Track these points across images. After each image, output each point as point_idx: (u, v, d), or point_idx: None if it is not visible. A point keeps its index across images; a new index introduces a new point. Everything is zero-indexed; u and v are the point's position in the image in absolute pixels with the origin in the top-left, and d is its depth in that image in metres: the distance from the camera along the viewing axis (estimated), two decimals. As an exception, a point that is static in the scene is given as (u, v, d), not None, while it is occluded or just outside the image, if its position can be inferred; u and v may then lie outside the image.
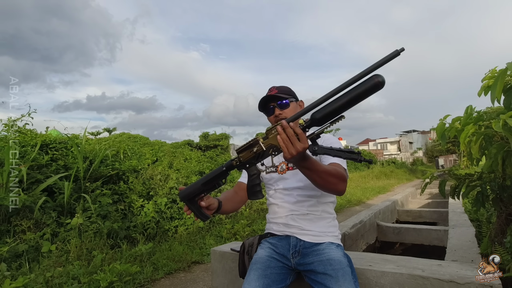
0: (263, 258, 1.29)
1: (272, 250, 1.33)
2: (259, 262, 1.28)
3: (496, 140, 1.53)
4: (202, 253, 3.67)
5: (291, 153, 0.92)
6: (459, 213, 3.60)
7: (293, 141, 0.92)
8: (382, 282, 1.34)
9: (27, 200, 3.46)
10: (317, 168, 1.04)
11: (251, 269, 1.26)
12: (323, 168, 1.07)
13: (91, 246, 3.26)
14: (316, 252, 1.26)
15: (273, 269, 1.25)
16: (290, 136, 0.92)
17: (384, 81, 0.84)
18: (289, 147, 0.92)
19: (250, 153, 1.02)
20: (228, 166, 1.07)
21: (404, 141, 47.38)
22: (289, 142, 0.92)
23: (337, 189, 1.14)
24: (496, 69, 1.50)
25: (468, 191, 1.88)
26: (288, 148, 0.92)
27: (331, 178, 1.08)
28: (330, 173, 1.08)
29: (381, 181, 14.43)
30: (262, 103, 1.41)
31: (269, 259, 1.28)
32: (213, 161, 10.26)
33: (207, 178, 1.10)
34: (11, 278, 2.57)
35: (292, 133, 0.92)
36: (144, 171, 5.28)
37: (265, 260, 1.28)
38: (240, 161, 1.05)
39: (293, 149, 0.92)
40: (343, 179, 1.13)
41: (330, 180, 1.08)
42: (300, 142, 0.92)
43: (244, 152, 1.03)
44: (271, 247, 1.34)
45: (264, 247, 1.35)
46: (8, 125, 4.36)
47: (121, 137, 12.51)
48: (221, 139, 16.65)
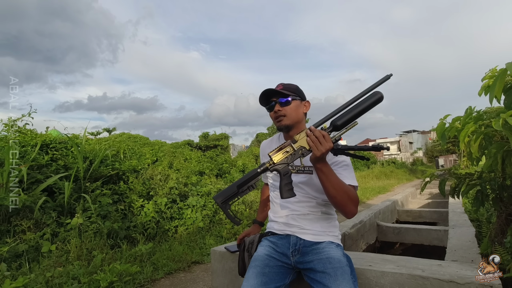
0: (262, 257, 1.29)
1: (272, 248, 1.33)
2: (258, 260, 1.28)
3: (496, 139, 1.53)
4: (202, 253, 3.66)
5: (320, 150, 1.07)
6: (459, 213, 3.59)
7: (321, 141, 1.08)
8: (382, 282, 1.34)
9: (27, 200, 3.46)
10: (333, 179, 1.15)
11: (250, 266, 1.27)
12: (339, 181, 1.16)
13: (91, 246, 3.26)
14: (316, 251, 1.26)
15: (272, 268, 1.25)
16: (318, 136, 1.08)
17: (383, 96, 1.10)
18: (318, 146, 1.08)
19: (282, 155, 1.14)
20: (262, 168, 1.16)
21: (404, 141, 47.38)
22: (318, 142, 1.08)
23: (347, 209, 1.19)
24: (496, 69, 1.50)
25: (468, 189, 1.88)
26: (317, 147, 1.08)
27: (344, 193, 1.17)
28: (343, 187, 1.17)
29: (381, 181, 14.42)
30: (263, 97, 1.38)
31: (268, 258, 1.28)
32: (213, 161, 10.27)
33: (242, 180, 1.18)
34: (11, 278, 2.56)
35: (320, 134, 1.09)
36: (144, 171, 5.28)
37: (264, 259, 1.28)
38: (273, 163, 1.15)
39: (322, 147, 1.07)
40: (355, 202, 1.20)
41: (342, 195, 1.16)
42: (327, 142, 1.08)
43: (277, 155, 1.14)
44: (271, 246, 1.34)
45: (264, 245, 1.35)
46: (8, 125, 4.36)
47: (121, 137, 12.52)
48: (221, 139, 16.67)
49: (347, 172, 1.31)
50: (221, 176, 8.96)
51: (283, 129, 1.38)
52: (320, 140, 1.08)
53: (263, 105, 1.42)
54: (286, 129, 1.38)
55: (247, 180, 1.17)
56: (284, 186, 1.14)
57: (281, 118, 1.36)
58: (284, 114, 1.35)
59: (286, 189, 1.14)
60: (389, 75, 1.11)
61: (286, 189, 1.14)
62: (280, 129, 1.40)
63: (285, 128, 1.37)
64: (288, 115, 1.35)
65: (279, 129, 1.41)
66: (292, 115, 1.36)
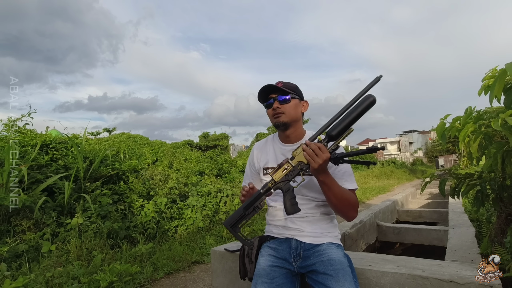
0: (265, 270, 1.25)
1: (272, 257, 1.30)
2: (263, 275, 1.24)
3: (496, 139, 1.53)
4: (202, 253, 3.66)
5: (317, 162, 1.08)
6: (459, 213, 3.59)
7: (317, 153, 1.08)
8: (382, 282, 1.34)
9: (27, 200, 3.46)
10: (335, 188, 1.18)
11: (257, 282, 1.23)
12: (340, 190, 1.20)
13: (91, 246, 3.26)
14: (317, 253, 1.26)
15: (279, 279, 1.23)
16: (314, 149, 1.09)
17: (375, 99, 1.09)
18: (314, 158, 1.08)
19: (282, 172, 1.16)
20: (265, 189, 1.18)
21: (404, 141, 47.39)
22: (314, 155, 1.09)
23: (348, 214, 1.26)
24: (496, 69, 1.50)
25: (468, 189, 1.88)
26: (314, 159, 1.08)
27: (345, 201, 1.22)
28: (344, 196, 1.21)
29: (381, 181, 14.43)
30: (263, 93, 1.35)
31: (272, 269, 1.26)
32: (213, 161, 10.27)
33: (247, 203, 1.21)
34: (11, 278, 2.56)
35: (315, 147, 1.09)
36: (144, 171, 5.28)
37: (268, 272, 1.25)
38: (275, 182, 1.17)
39: (319, 159, 1.08)
40: (355, 207, 1.26)
41: (344, 203, 1.22)
42: (323, 153, 1.08)
43: (276, 173, 1.16)
44: (272, 253, 1.31)
45: (265, 255, 1.32)
46: (8, 125, 4.36)
47: (121, 137, 12.53)
48: (221, 139, 16.67)
49: (347, 175, 1.31)
50: (221, 176, 8.96)
51: (280, 126, 1.35)
52: (316, 152, 1.08)
53: (262, 102, 1.39)
54: (284, 127, 1.36)
55: (252, 202, 1.20)
56: (288, 202, 1.16)
57: (279, 115, 1.33)
58: (282, 111, 1.33)
59: (290, 204, 1.15)
60: (379, 76, 1.11)
61: (290, 205, 1.15)
62: (277, 126, 1.37)
63: (282, 125, 1.35)
64: (287, 113, 1.33)
65: (276, 126, 1.38)
66: (291, 113, 1.34)
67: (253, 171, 1.51)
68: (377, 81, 1.11)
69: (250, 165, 1.53)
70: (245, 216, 1.20)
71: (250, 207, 1.20)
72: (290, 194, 1.16)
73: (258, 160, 1.48)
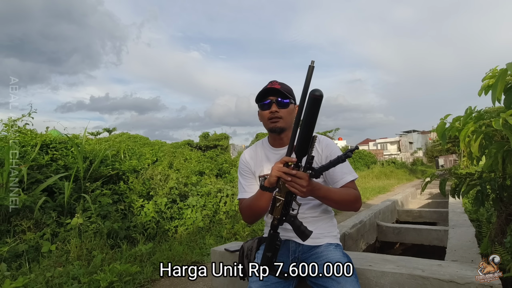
0: None
1: None
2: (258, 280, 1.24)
3: (496, 139, 1.53)
4: (202, 253, 3.66)
5: (301, 190, 1.05)
6: (459, 213, 3.59)
7: (296, 181, 1.04)
8: (382, 282, 1.34)
9: (27, 200, 3.46)
10: (332, 196, 1.19)
11: (252, 281, 1.24)
12: (338, 195, 1.22)
13: (91, 246, 3.26)
14: (315, 255, 1.26)
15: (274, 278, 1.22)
16: (292, 180, 1.04)
17: (321, 94, 0.95)
18: (297, 187, 1.05)
19: (278, 208, 1.13)
20: (273, 227, 1.17)
21: (404, 141, 47.37)
22: (294, 183, 1.04)
23: (353, 208, 1.28)
24: (497, 69, 1.50)
25: (468, 189, 1.88)
26: (297, 188, 1.05)
27: (346, 202, 1.24)
28: (344, 198, 1.23)
29: (381, 181, 14.42)
30: (262, 94, 1.32)
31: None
32: (213, 161, 10.26)
33: (267, 247, 1.17)
34: (11, 278, 2.56)
35: (290, 176, 1.04)
36: (144, 171, 5.28)
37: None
38: (278, 219, 1.15)
39: (300, 186, 1.04)
40: (357, 200, 1.27)
41: (345, 204, 1.24)
42: (301, 178, 1.04)
43: (275, 212, 1.14)
44: None
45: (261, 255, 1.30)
46: (8, 125, 4.36)
47: (121, 137, 12.52)
48: (221, 139, 16.67)
49: (345, 167, 1.29)
50: (221, 176, 8.97)
51: (276, 131, 1.33)
52: (294, 180, 1.04)
53: (257, 101, 1.35)
54: (279, 132, 1.33)
55: (270, 244, 1.16)
56: (297, 230, 1.13)
57: (277, 120, 1.30)
58: (281, 116, 1.30)
59: (301, 230, 1.13)
60: (311, 65, 0.97)
61: (302, 231, 1.13)
62: (272, 130, 1.33)
63: (279, 131, 1.32)
64: (284, 118, 1.31)
65: (271, 131, 1.35)
66: (288, 119, 1.32)
67: (248, 179, 1.44)
68: (312, 70, 0.98)
69: (243, 175, 1.45)
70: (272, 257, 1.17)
71: (271, 249, 1.17)
72: (297, 223, 1.13)
73: (252, 168, 1.43)
